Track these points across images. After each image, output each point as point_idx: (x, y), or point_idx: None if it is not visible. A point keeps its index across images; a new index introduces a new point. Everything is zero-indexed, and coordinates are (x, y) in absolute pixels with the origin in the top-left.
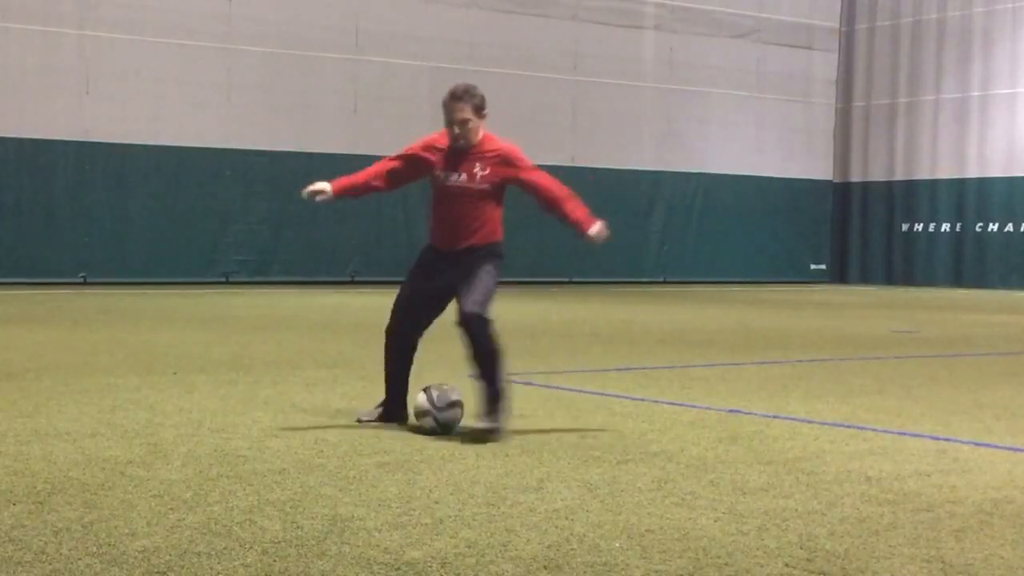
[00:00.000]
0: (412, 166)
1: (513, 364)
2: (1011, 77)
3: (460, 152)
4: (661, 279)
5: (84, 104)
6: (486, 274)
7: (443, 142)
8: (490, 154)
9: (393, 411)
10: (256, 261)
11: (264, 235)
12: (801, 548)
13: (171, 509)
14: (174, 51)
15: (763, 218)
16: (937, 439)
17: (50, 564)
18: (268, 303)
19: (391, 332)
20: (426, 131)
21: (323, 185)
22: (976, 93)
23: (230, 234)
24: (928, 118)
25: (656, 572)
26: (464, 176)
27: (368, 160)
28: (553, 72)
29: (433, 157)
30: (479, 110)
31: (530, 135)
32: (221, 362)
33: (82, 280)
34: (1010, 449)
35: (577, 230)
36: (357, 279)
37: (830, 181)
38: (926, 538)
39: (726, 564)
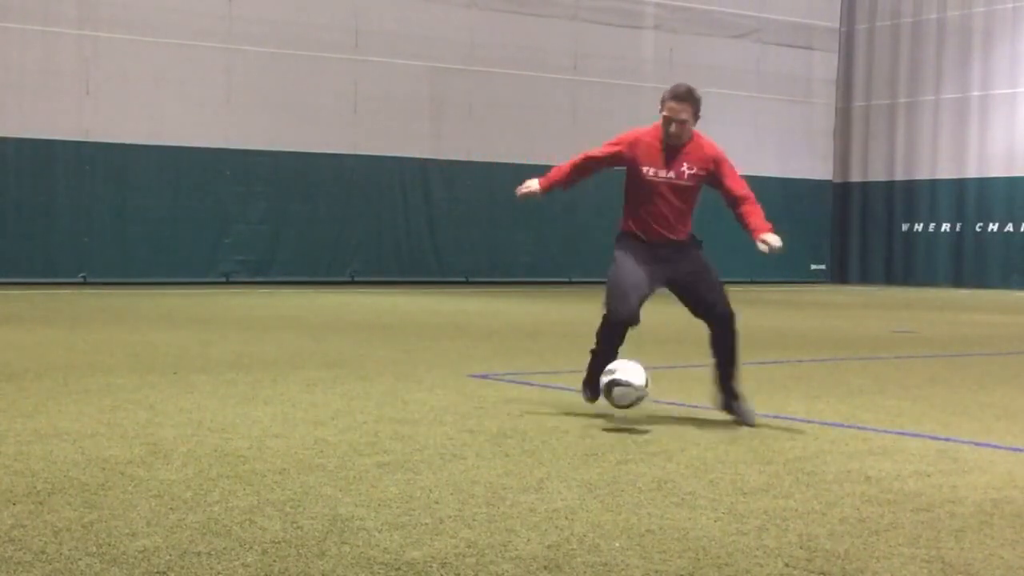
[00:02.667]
0: (613, 160)
1: (513, 364)
2: (1011, 77)
3: (671, 149)
4: None
5: (84, 104)
6: (715, 272)
7: (651, 138)
8: (700, 155)
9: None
10: (256, 261)
11: (264, 235)
12: (801, 548)
13: (171, 509)
14: (174, 51)
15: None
16: (937, 439)
17: (50, 564)
18: (268, 303)
19: (616, 318)
20: (426, 131)
21: (532, 183)
22: (976, 93)
23: (230, 234)
24: (928, 118)
25: (656, 572)
26: (673, 173)
27: (368, 159)
28: (553, 72)
29: (637, 153)
30: (696, 115)
31: (530, 135)
32: (221, 362)
33: (82, 280)
34: (1010, 449)
35: (750, 235)
36: (357, 279)
37: (830, 181)
38: (926, 538)
39: (726, 564)
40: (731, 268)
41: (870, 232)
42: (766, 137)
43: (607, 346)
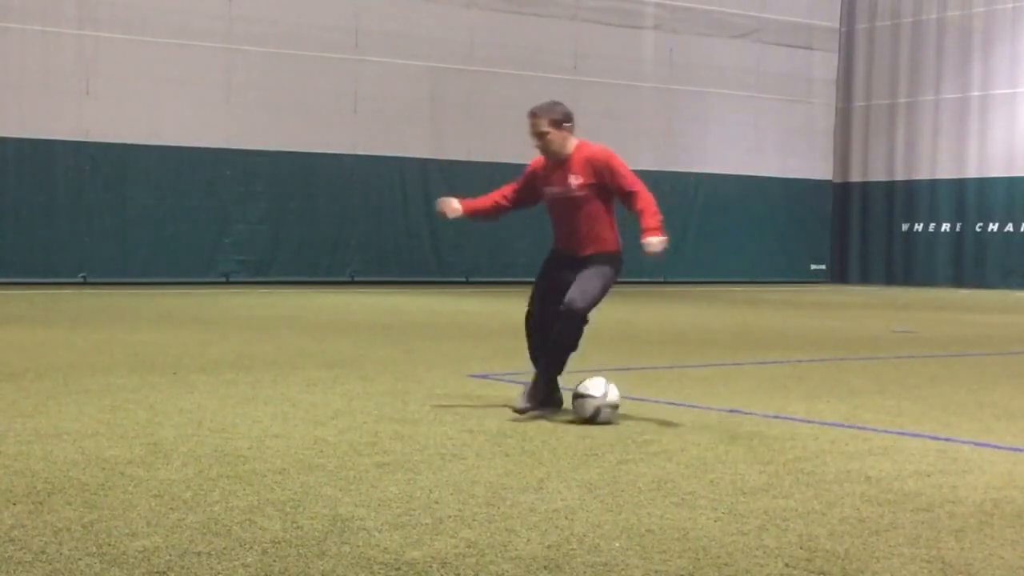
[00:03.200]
0: (529, 183)
1: (513, 364)
2: (1011, 77)
3: (556, 164)
4: (661, 279)
5: (84, 104)
6: (595, 275)
7: (546, 159)
8: (584, 162)
9: (546, 396)
10: (256, 261)
11: (264, 235)
12: (801, 548)
13: (171, 509)
14: (174, 51)
15: (763, 218)
16: (937, 439)
17: (50, 564)
18: (268, 303)
19: (527, 317)
20: (426, 131)
21: (455, 204)
22: (976, 93)
23: (230, 234)
24: (928, 118)
25: (656, 572)
26: (563, 187)
27: (368, 160)
28: (553, 72)
29: (538, 174)
30: (558, 123)
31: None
32: (221, 362)
33: (82, 280)
34: (1010, 449)
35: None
36: (357, 279)
37: (830, 181)
38: (926, 538)
39: (726, 564)
40: (732, 268)
41: (870, 232)
42: (766, 137)
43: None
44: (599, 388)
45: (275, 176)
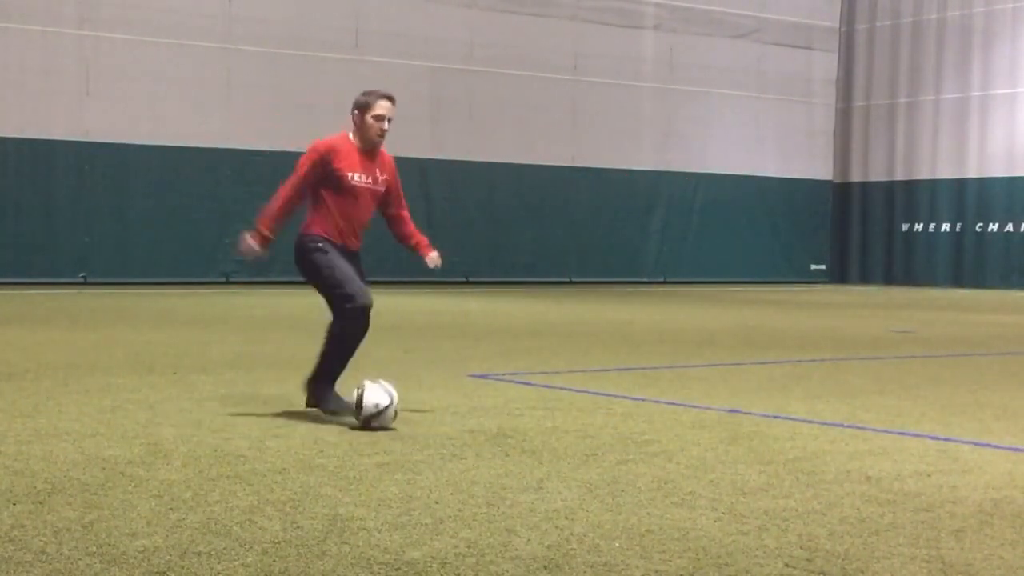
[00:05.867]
0: (314, 172)
1: (513, 364)
2: (1011, 77)
3: (369, 155)
4: (661, 279)
5: (84, 104)
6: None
7: (347, 144)
8: (387, 163)
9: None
10: (256, 261)
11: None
12: (801, 548)
13: (171, 509)
14: (174, 51)
15: (763, 218)
16: (937, 439)
17: (50, 564)
18: (268, 303)
19: (365, 301)
20: (426, 130)
21: (251, 244)
22: (976, 93)
23: (230, 234)
24: (928, 118)
25: (656, 572)
26: (370, 178)
27: None
28: (553, 72)
29: (336, 159)
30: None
31: (530, 135)
32: (221, 362)
33: (82, 280)
34: (1010, 449)
35: (418, 252)
36: None
37: (830, 181)
38: (926, 538)
39: (726, 564)
40: (732, 268)
41: (870, 232)
42: (766, 137)
43: (355, 340)
44: (385, 396)
45: (275, 176)
